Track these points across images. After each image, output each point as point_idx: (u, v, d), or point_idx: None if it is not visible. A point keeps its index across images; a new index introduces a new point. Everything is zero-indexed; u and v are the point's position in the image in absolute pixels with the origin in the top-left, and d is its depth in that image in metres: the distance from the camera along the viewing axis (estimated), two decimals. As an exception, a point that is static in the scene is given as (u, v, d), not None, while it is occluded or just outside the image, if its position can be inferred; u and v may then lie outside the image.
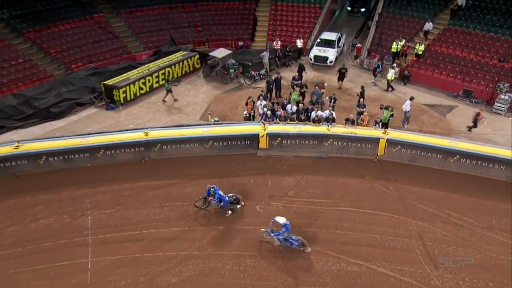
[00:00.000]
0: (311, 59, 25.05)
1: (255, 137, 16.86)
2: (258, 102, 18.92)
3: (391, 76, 22.23)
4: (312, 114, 17.89)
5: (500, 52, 22.79)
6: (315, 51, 25.10)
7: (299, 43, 26.16)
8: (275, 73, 21.88)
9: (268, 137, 16.80)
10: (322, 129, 16.81)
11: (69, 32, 25.43)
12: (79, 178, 15.68)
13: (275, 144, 16.98)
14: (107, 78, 21.64)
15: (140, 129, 16.83)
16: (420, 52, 24.18)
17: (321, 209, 14.53)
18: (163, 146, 16.61)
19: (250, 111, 18.85)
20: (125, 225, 13.83)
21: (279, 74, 21.45)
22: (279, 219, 12.55)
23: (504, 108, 20.56)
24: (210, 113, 18.82)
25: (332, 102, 18.92)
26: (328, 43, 25.48)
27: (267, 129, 16.81)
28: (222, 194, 13.83)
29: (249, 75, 23.22)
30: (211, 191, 13.67)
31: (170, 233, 13.57)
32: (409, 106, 18.89)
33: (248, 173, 16.13)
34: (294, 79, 21.33)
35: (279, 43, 25.68)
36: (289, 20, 28.43)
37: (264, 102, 18.64)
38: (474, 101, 21.67)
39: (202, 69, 24.25)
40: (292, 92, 19.70)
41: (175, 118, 19.91)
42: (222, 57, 23.56)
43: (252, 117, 18.77)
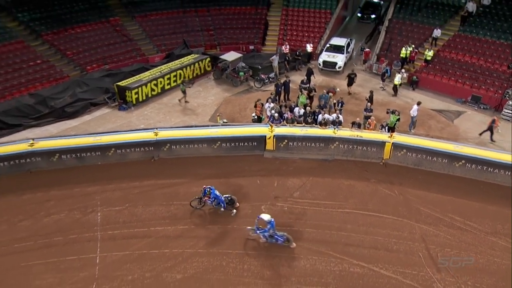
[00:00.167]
0: (320, 64, 24.99)
1: (262, 139, 16.94)
2: (267, 105, 19.00)
3: (398, 81, 22.13)
4: (319, 117, 17.89)
5: (510, 59, 22.50)
6: (324, 57, 25.05)
7: (309, 48, 26.22)
8: (284, 77, 21.94)
9: (275, 139, 16.86)
10: (329, 132, 16.82)
11: (86, 35, 25.82)
12: (91, 176, 15.92)
13: (282, 146, 17.03)
14: (121, 80, 21.92)
15: (150, 129, 17.03)
16: (429, 58, 24.01)
17: (326, 211, 14.52)
18: (172, 146, 16.78)
19: (259, 113, 18.94)
20: (133, 222, 14.00)
21: (288, 78, 21.51)
22: (264, 216, 12.64)
23: (513, 115, 20.34)
24: (219, 115, 18.95)
25: (340, 106, 18.91)
26: (337, 49, 25.41)
27: (274, 131, 16.87)
28: (218, 194, 13.89)
29: (259, 78, 23.31)
30: (207, 191, 13.78)
31: (177, 231, 13.71)
32: (416, 111, 18.78)
33: (255, 174, 16.20)
34: (303, 83, 21.35)
35: (288, 47, 25.73)
36: (300, 25, 28.47)
37: (272, 105, 18.70)
38: (483, 107, 21.43)
39: (213, 72, 24.45)
40: (300, 95, 19.73)
41: (185, 119, 20.09)
42: (233, 60, 23.72)
43: (260, 119, 18.83)
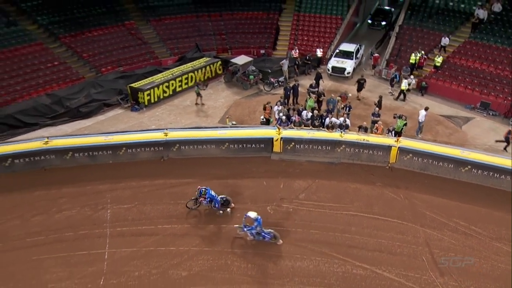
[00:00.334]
0: (329, 70, 24.90)
1: (270, 141, 16.98)
2: (276, 108, 19.07)
3: (405, 86, 22.01)
4: (326, 121, 17.87)
5: (520, 66, 22.23)
6: (333, 62, 24.97)
7: (319, 53, 26.24)
8: (294, 81, 21.99)
9: (282, 141, 16.90)
10: (335, 135, 16.79)
11: (102, 38, 26.21)
12: (102, 174, 16.13)
13: (289, 148, 17.05)
14: (134, 81, 22.15)
15: (160, 130, 17.23)
16: (438, 64, 23.80)
17: (330, 213, 14.49)
18: (181, 146, 16.93)
19: (268, 116, 19.00)
20: (142, 220, 14.16)
21: (297, 82, 21.54)
22: (251, 214, 12.74)
23: (522, 121, 20.02)
24: (228, 117, 19.06)
25: (347, 110, 18.86)
26: (347, 55, 25.32)
27: (282, 134, 16.91)
28: (214, 194, 13.98)
29: (268, 82, 23.39)
30: (202, 192, 13.86)
31: (183, 229, 13.83)
32: (424, 117, 18.63)
33: (262, 175, 16.24)
34: (311, 87, 21.38)
35: (297, 52, 25.76)
36: (311, 30, 28.47)
37: (280, 108, 18.75)
38: (492, 114, 21.15)
39: (224, 75, 24.60)
40: (308, 99, 19.74)
41: (195, 121, 20.23)
42: (243, 64, 23.82)
43: (268, 122, 18.89)
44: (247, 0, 29.83)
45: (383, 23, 31.77)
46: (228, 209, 14.38)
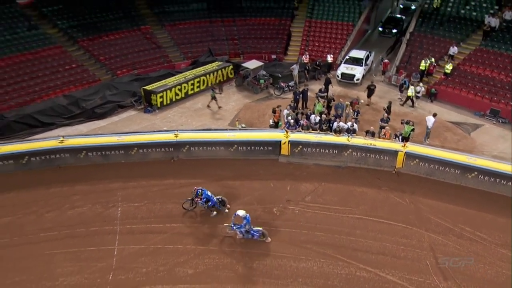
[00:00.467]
0: (338, 76, 24.82)
1: (278, 144, 17.02)
2: (285, 111, 19.14)
3: (411, 93, 21.89)
4: (334, 125, 17.87)
5: (531, 73, 21.91)
6: (343, 69, 24.89)
7: (330, 58, 26.24)
8: (303, 85, 22.02)
9: (290, 144, 16.93)
10: (342, 139, 16.76)
11: (118, 41, 26.65)
12: (114, 173, 16.37)
13: (296, 152, 17.07)
14: (148, 84, 22.45)
15: (171, 131, 17.42)
16: (448, 71, 23.59)
17: (336, 216, 14.46)
18: (191, 148, 17.08)
19: (278, 119, 19.07)
20: (151, 218, 14.31)
21: (307, 86, 21.59)
22: (240, 212, 12.81)
23: (531, 129, 19.72)
24: (238, 120, 19.20)
25: (355, 115, 18.83)
26: (356, 61, 25.22)
27: (289, 137, 16.95)
28: (210, 195, 14.06)
29: (279, 86, 23.47)
30: (199, 192, 13.94)
31: (191, 228, 13.96)
32: (432, 123, 18.46)
33: (269, 177, 16.28)
34: (320, 91, 21.42)
35: (308, 57, 25.81)
36: (322, 36, 28.50)
37: (289, 111, 18.82)
38: (501, 121, 20.85)
39: (235, 79, 24.78)
40: (317, 103, 19.76)
41: (206, 123, 20.39)
42: (254, 68, 23.96)
43: (277, 125, 18.95)
44: (260, 7, 30.06)
45: (394, 31, 31.52)
46: (226, 210, 14.46)
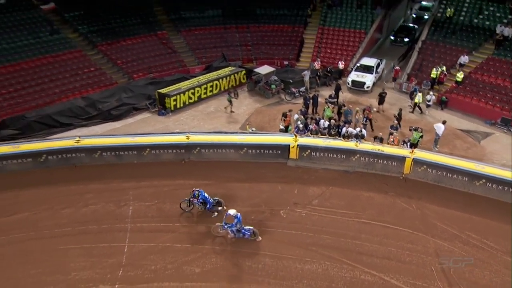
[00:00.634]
0: (349, 84, 24.69)
1: (286, 148, 17.06)
2: (295, 116, 19.20)
3: (419, 99, 21.75)
4: (343, 130, 17.84)
5: (543, 83, 21.52)
6: (353, 76, 24.77)
7: (341, 65, 26.22)
8: (314, 91, 22.05)
9: (299, 148, 16.95)
10: (350, 145, 16.72)
11: (135, 46, 27.11)
12: (126, 172, 16.63)
13: (305, 156, 17.07)
14: (162, 87, 22.75)
15: (183, 133, 17.64)
16: (459, 80, 23.33)
17: (342, 219, 14.41)
18: (202, 150, 17.24)
19: (288, 124, 19.13)
20: (161, 217, 14.48)
21: (317, 92, 21.61)
22: (231, 211, 12.90)
23: (543, 139, 19.32)
24: (248, 124, 19.31)
25: (364, 121, 18.77)
26: (367, 69, 25.07)
27: (298, 141, 16.98)
28: (207, 196, 14.18)
29: (290, 92, 23.54)
30: (196, 193, 14.09)
31: (199, 228, 14.06)
32: (441, 130, 18.25)
33: (277, 181, 16.32)
34: (330, 97, 21.42)
35: (319, 63, 25.86)
36: (334, 43, 28.52)
37: (298, 116, 18.87)
38: (512, 130, 20.56)
39: (247, 84, 24.95)
40: (326, 109, 19.75)
41: (217, 126, 20.55)
42: (266, 74, 24.10)
43: (287, 129, 18.98)
44: (274, 14, 30.25)
45: (406, 40, 31.27)
46: (219, 208, 14.56)
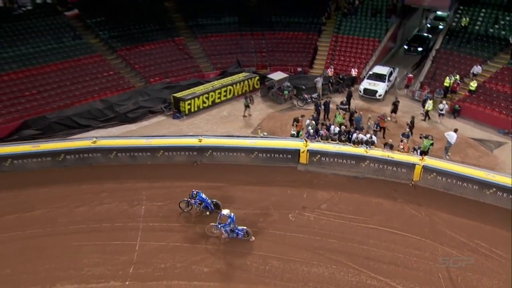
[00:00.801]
0: (361, 92, 24.54)
1: (297, 152, 17.13)
2: (307, 121, 19.26)
3: (429, 107, 21.58)
4: (353, 136, 17.80)
5: (559, 93, 21.06)
6: (365, 84, 24.62)
7: (354, 72, 26.18)
8: (326, 98, 22.06)
9: (309, 153, 16.99)
10: (360, 151, 16.68)
11: (153, 51, 27.59)
12: (140, 173, 16.94)
13: (315, 161, 17.10)
14: (178, 92, 23.09)
15: (196, 136, 17.87)
16: (473, 89, 23.02)
17: (350, 224, 14.37)
18: (214, 153, 17.45)
19: (300, 129, 19.17)
20: (172, 217, 14.69)
21: (329, 99, 21.63)
22: (224, 211, 13.04)
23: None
24: (260, 128, 19.43)
25: (375, 127, 18.69)
26: (379, 77, 24.86)
27: (308, 146, 17.02)
28: (205, 197, 14.35)
29: (302, 98, 23.59)
30: (194, 194, 14.27)
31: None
32: (454, 138, 18.01)
33: (287, 184, 16.38)
34: (342, 104, 21.40)
35: (332, 70, 25.86)
36: (348, 51, 28.46)
37: (308, 121, 18.92)
38: (526, 140, 20.15)
39: (260, 89, 25.10)
40: (337, 115, 19.73)
41: (229, 130, 20.73)
42: (279, 80, 24.23)
43: (298, 134, 19.02)
44: (289, 21, 30.39)
45: (420, 49, 30.89)
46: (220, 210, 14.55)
